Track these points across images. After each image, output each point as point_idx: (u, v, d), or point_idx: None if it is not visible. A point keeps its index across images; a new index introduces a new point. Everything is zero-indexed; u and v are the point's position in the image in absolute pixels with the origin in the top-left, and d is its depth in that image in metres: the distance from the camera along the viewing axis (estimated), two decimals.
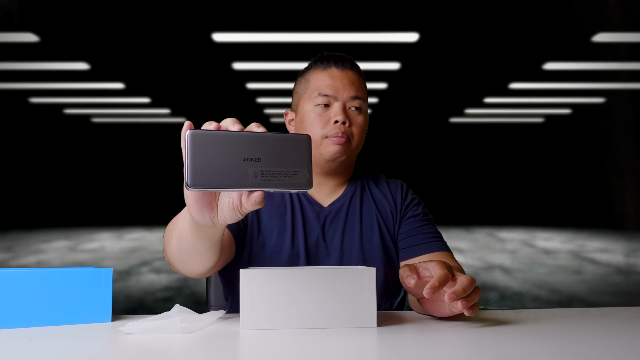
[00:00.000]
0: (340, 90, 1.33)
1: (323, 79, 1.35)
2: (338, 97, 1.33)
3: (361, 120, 1.35)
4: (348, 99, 1.33)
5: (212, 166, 0.75)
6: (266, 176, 0.77)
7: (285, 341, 0.87)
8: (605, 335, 0.95)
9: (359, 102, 1.34)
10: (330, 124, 1.32)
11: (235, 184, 0.75)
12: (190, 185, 0.74)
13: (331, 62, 1.36)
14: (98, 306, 1.08)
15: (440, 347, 0.88)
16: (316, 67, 1.37)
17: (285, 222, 1.35)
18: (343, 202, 1.39)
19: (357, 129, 1.34)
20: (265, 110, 9.29)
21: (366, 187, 1.42)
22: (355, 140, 1.34)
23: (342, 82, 1.34)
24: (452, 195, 9.33)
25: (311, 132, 1.33)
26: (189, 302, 4.80)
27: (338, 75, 1.35)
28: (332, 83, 1.34)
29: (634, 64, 7.35)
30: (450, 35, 6.76)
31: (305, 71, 1.40)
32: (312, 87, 1.35)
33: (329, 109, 1.33)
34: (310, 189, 0.78)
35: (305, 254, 1.33)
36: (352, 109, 1.34)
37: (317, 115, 1.33)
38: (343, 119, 1.31)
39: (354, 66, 1.38)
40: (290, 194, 1.39)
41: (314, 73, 1.37)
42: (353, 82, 1.35)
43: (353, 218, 1.37)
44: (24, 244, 8.78)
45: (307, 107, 1.35)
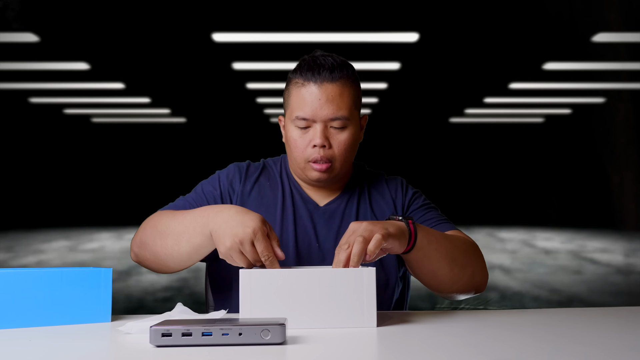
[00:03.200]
0: (318, 112, 1.26)
1: (300, 98, 1.27)
2: (316, 119, 1.26)
3: (344, 138, 1.28)
4: (327, 119, 1.26)
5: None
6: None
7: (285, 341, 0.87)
8: (605, 335, 0.95)
9: (339, 122, 1.27)
10: (310, 147, 1.27)
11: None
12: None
13: (309, 74, 1.27)
14: (98, 306, 1.08)
15: (440, 347, 0.88)
16: (297, 79, 1.30)
17: (274, 221, 1.33)
18: (340, 203, 1.37)
19: (339, 149, 1.28)
20: (265, 110, 9.29)
21: (365, 189, 1.40)
22: (339, 160, 1.29)
23: (320, 102, 1.26)
24: (452, 195, 9.33)
25: (294, 155, 1.30)
26: (189, 302, 4.79)
27: (315, 93, 1.26)
28: (309, 104, 1.26)
29: (634, 64, 7.35)
30: (450, 35, 6.76)
31: (289, 80, 1.33)
32: (292, 106, 1.29)
33: (308, 131, 1.28)
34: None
35: (295, 253, 1.31)
36: (333, 127, 1.28)
37: (297, 138, 1.29)
38: (322, 142, 1.26)
39: (338, 74, 1.28)
40: (284, 195, 1.36)
41: (294, 88, 1.30)
42: (333, 98, 1.26)
43: (348, 220, 1.35)
44: (24, 244, 8.78)
45: (289, 127, 1.31)
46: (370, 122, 1.44)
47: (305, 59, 1.32)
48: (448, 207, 1.45)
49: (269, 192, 1.37)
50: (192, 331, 0.83)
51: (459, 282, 1.22)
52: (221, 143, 9.00)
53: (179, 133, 9.78)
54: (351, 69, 1.31)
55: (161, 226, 1.23)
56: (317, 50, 1.35)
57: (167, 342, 0.83)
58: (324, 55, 1.31)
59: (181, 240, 1.17)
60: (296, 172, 1.36)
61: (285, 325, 0.85)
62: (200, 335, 0.84)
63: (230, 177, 1.37)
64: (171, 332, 0.83)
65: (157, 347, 0.84)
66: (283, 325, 0.85)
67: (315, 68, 1.27)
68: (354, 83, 1.31)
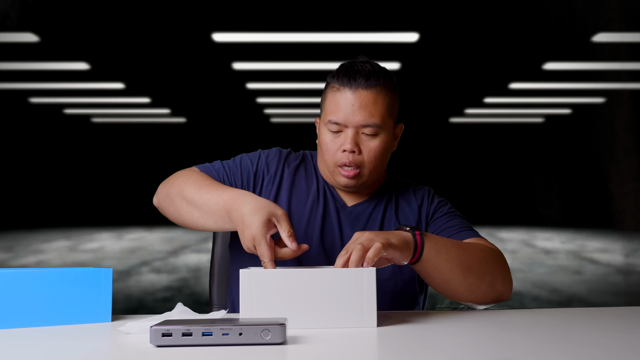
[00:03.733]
0: (350, 118, 1.27)
1: (334, 103, 1.29)
2: (348, 124, 1.28)
3: (375, 145, 1.29)
4: (359, 126, 1.28)
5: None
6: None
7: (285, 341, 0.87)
8: (605, 335, 0.95)
9: (370, 129, 1.28)
10: (340, 151, 1.29)
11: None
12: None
13: (345, 79, 1.28)
14: (98, 306, 1.08)
15: (440, 347, 0.88)
16: (333, 84, 1.31)
17: (303, 211, 1.36)
18: (367, 207, 1.38)
19: (369, 156, 1.29)
20: (265, 111, 9.29)
21: (393, 197, 1.41)
22: (367, 167, 1.30)
23: (354, 107, 1.27)
24: (452, 195, 9.32)
25: (325, 158, 1.33)
26: (189, 302, 4.79)
27: (350, 99, 1.28)
28: (342, 109, 1.28)
29: (634, 64, 7.34)
30: (450, 35, 6.75)
31: (327, 83, 1.35)
32: (326, 110, 1.32)
33: (340, 135, 1.30)
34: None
35: (319, 247, 1.33)
36: (364, 134, 1.29)
37: (329, 141, 1.31)
38: (351, 148, 1.27)
39: (374, 81, 1.29)
40: (318, 190, 1.38)
41: (330, 92, 1.32)
42: (366, 105, 1.27)
43: (373, 224, 1.37)
44: (24, 244, 8.77)
45: (322, 130, 1.33)
46: None
47: (345, 64, 1.33)
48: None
49: (304, 183, 1.39)
50: (193, 331, 0.84)
51: (476, 291, 1.21)
52: (221, 143, 8.99)
53: (179, 133, 9.77)
54: (388, 77, 1.32)
55: (189, 194, 1.25)
56: (360, 56, 1.36)
57: (167, 342, 0.83)
58: (363, 61, 1.32)
59: (208, 218, 1.22)
60: (325, 174, 1.38)
61: (285, 325, 0.85)
62: (201, 335, 0.84)
63: (270, 158, 1.40)
64: (171, 332, 0.83)
65: (157, 347, 0.84)
66: (283, 325, 0.85)
67: (351, 74, 1.29)
68: (390, 91, 1.32)
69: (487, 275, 1.21)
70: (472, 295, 1.22)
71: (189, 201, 1.24)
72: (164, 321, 0.88)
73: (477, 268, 1.20)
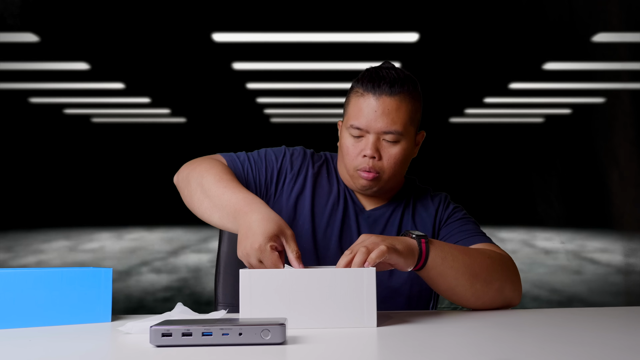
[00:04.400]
0: (372, 124, 1.29)
1: (357, 108, 1.30)
2: (370, 130, 1.29)
3: (395, 152, 1.30)
4: (380, 132, 1.29)
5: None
6: None
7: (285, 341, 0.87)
8: (605, 335, 0.95)
9: (391, 136, 1.29)
10: (360, 156, 1.31)
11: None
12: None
13: (369, 85, 1.29)
14: (98, 306, 1.08)
15: (440, 347, 0.88)
16: (357, 89, 1.32)
17: (323, 213, 1.37)
18: (385, 211, 1.40)
19: (388, 162, 1.30)
20: (265, 111, 9.29)
21: (411, 202, 1.42)
22: (387, 172, 1.31)
23: (376, 114, 1.28)
24: (452, 195, 9.32)
25: (345, 162, 1.34)
26: (189, 302, 4.78)
27: (373, 105, 1.28)
28: (364, 115, 1.29)
29: (634, 64, 7.34)
30: (450, 35, 6.75)
31: (351, 88, 1.35)
32: (349, 114, 1.33)
33: (361, 140, 1.31)
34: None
35: (337, 249, 1.35)
36: (385, 140, 1.30)
37: (350, 146, 1.32)
38: (372, 154, 1.29)
39: (398, 89, 1.29)
40: (339, 192, 1.40)
41: (354, 97, 1.32)
42: (389, 112, 1.28)
43: (391, 228, 1.38)
44: (24, 244, 8.77)
45: (344, 134, 1.34)
46: None
47: (370, 69, 1.34)
48: None
49: (325, 184, 1.40)
50: (192, 331, 0.84)
51: (483, 297, 1.21)
52: (221, 143, 8.98)
53: (179, 133, 9.76)
54: (413, 84, 1.33)
55: (207, 183, 1.25)
56: (386, 62, 1.37)
57: (167, 342, 0.83)
58: (388, 68, 1.33)
59: (215, 212, 1.21)
60: (345, 178, 1.39)
61: (285, 325, 0.85)
62: (201, 335, 0.84)
63: (295, 157, 1.41)
64: (171, 332, 0.83)
65: (157, 347, 0.84)
66: (283, 325, 0.85)
67: (375, 80, 1.29)
68: (413, 99, 1.32)
69: (494, 281, 1.22)
70: (480, 301, 1.22)
71: (204, 190, 1.24)
72: (163, 321, 0.88)
73: (484, 275, 1.20)
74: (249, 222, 1.10)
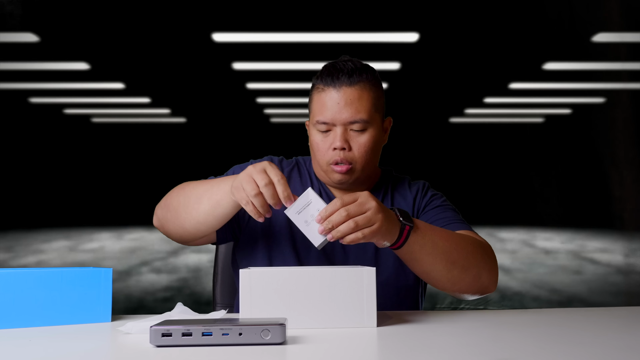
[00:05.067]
0: (337, 116, 1.30)
1: (320, 103, 1.31)
2: (336, 122, 1.30)
3: (364, 141, 1.31)
4: (346, 123, 1.30)
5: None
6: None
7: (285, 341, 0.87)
8: (605, 335, 0.95)
9: (358, 125, 1.30)
10: (330, 150, 1.31)
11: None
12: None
13: (328, 79, 1.31)
14: (98, 306, 1.08)
15: (440, 347, 0.88)
16: (317, 86, 1.34)
17: None
18: None
19: (359, 151, 1.31)
20: (265, 111, 9.29)
21: (389, 193, 1.42)
22: (359, 162, 1.32)
23: (339, 105, 1.29)
24: (452, 195, 9.32)
25: (317, 158, 1.34)
26: (189, 302, 4.78)
27: (335, 97, 1.30)
28: (328, 108, 1.30)
29: (634, 64, 7.34)
30: (450, 35, 6.75)
31: (312, 86, 1.37)
32: (314, 111, 1.34)
33: (329, 134, 1.32)
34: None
35: (320, 250, 1.33)
36: (353, 130, 1.31)
37: (319, 142, 1.33)
38: (341, 145, 1.29)
39: (357, 78, 1.31)
40: (313, 189, 1.40)
41: (315, 93, 1.34)
42: (352, 102, 1.29)
43: None
44: (24, 244, 8.77)
45: (312, 132, 1.35)
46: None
47: (327, 64, 1.36)
48: None
49: (299, 188, 1.40)
50: (192, 331, 0.84)
51: (460, 283, 1.22)
52: (221, 143, 8.99)
53: (179, 133, 9.76)
54: (371, 72, 1.34)
55: (188, 188, 1.28)
56: (343, 56, 1.39)
57: (167, 342, 0.83)
58: (345, 60, 1.34)
59: (203, 198, 1.23)
60: (320, 175, 1.40)
61: (285, 325, 0.85)
62: (200, 335, 0.84)
63: None
64: (171, 332, 0.83)
65: (157, 347, 0.84)
66: (283, 325, 0.85)
67: (334, 73, 1.31)
68: (374, 86, 1.33)
69: (472, 268, 1.22)
70: (456, 287, 1.22)
71: (187, 193, 1.27)
72: (163, 321, 0.88)
73: (462, 261, 1.20)
74: (246, 169, 1.14)
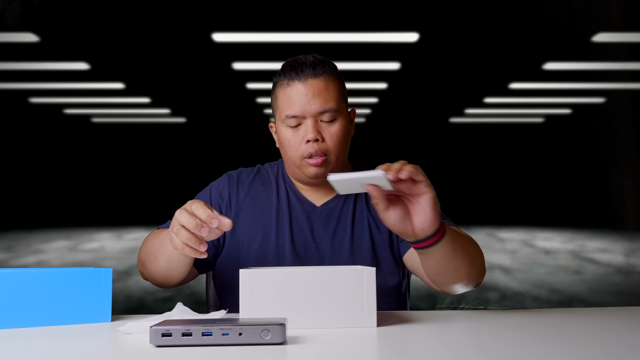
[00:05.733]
0: (306, 108, 1.28)
1: (287, 98, 1.30)
2: (306, 114, 1.29)
3: (336, 130, 1.30)
4: (316, 113, 1.29)
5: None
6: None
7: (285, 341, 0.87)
8: (605, 335, 0.95)
9: (328, 115, 1.29)
10: (303, 143, 1.30)
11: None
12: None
13: (292, 74, 1.30)
14: (98, 306, 1.08)
15: (440, 347, 0.88)
16: (281, 82, 1.32)
17: (269, 224, 1.35)
18: (337, 203, 1.38)
19: (332, 141, 1.30)
20: (265, 110, 9.29)
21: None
22: (333, 152, 1.31)
23: (307, 97, 1.28)
24: (452, 195, 9.34)
25: (289, 155, 1.32)
26: (189, 302, 4.78)
27: (301, 90, 1.29)
28: (297, 101, 1.29)
29: (634, 64, 7.35)
30: (450, 35, 6.76)
31: (274, 84, 1.36)
32: (281, 107, 1.32)
33: (300, 128, 1.30)
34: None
35: (292, 254, 1.33)
36: (323, 121, 1.30)
37: (290, 137, 1.31)
38: (314, 136, 1.28)
39: (320, 69, 1.31)
40: (279, 197, 1.38)
41: (280, 90, 1.32)
42: (319, 92, 1.29)
43: (345, 220, 1.36)
44: (24, 244, 8.77)
45: (281, 129, 1.33)
46: (370, 122, 1.44)
47: (287, 61, 1.35)
48: (448, 207, 1.44)
49: (264, 196, 1.38)
50: (192, 331, 0.84)
51: (470, 276, 1.18)
52: (221, 143, 8.99)
53: (179, 133, 9.77)
54: (332, 65, 1.35)
55: (149, 243, 1.31)
56: (299, 55, 1.38)
57: (167, 342, 0.83)
58: (304, 55, 1.35)
59: (157, 255, 1.25)
60: (293, 172, 1.37)
61: (285, 325, 0.85)
62: (200, 335, 0.84)
63: (220, 187, 1.41)
64: (171, 332, 0.83)
65: (157, 347, 0.84)
66: (283, 325, 0.85)
67: (297, 67, 1.31)
68: (337, 77, 1.34)
69: (478, 262, 1.20)
70: (464, 279, 1.17)
71: (149, 251, 1.30)
72: (163, 321, 0.88)
73: (474, 256, 1.18)
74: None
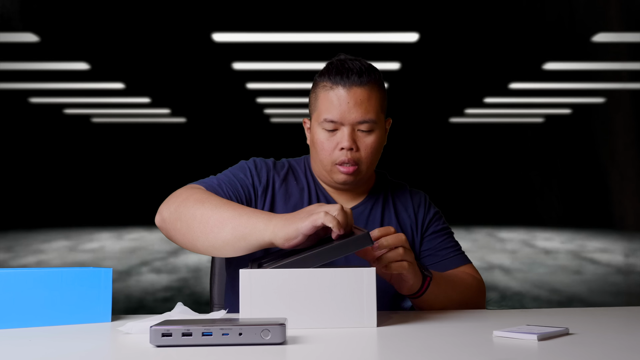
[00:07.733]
0: (346, 115, 1.27)
1: (328, 101, 1.29)
2: (344, 122, 1.28)
3: (371, 141, 1.30)
4: (355, 123, 1.28)
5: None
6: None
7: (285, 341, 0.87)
8: (605, 335, 0.95)
9: (366, 125, 1.28)
10: (337, 149, 1.29)
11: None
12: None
13: (337, 77, 1.28)
14: (98, 306, 1.08)
15: (440, 347, 0.88)
16: (325, 83, 1.30)
17: None
18: (364, 209, 1.38)
19: (366, 152, 1.30)
20: (265, 110, 9.29)
21: (389, 198, 1.41)
22: (365, 163, 1.31)
23: (349, 105, 1.27)
24: (452, 195, 9.33)
25: (321, 157, 1.31)
26: (189, 302, 4.77)
27: (344, 96, 1.27)
28: (337, 107, 1.27)
29: (634, 64, 7.34)
30: (450, 35, 6.75)
31: (316, 83, 1.34)
32: (320, 109, 1.30)
33: (336, 134, 1.29)
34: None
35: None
36: (360, 130, 1.29)
37: (324, 140, 1.30)
38: (349, 145, 1.27)
39: (366, 78, 1.29)
40: (310, 197, 1.37)
41: (322, 90, 1.30)
42: (361, 102, 1.27)
43: (372, 225, 1.36)
44: (24, 244, 8.77)
45: (316, 130, 1.32)
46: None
47: (333, 62, 1.33)
48: (448, 207, 1.45)
49: (296, 191, 1.37)
50: (192, 331, 0.84)
51: (461, 305, 1.31)
52: (221, 143, 8.99)
53: (179, 133, 9.76)
54: (378, 73, 1.33)
55: (208, 204, 1.17)
56: (340, 54, 1.36)
57: (167, 342, 0.83)
58: (351, 59, 1.32)
59: (226, 225, 1.13)
60: (321, 175, 1.36)
61: (285, 325, 0.85)
62: (200, 335, 0.84)
63: (259, 168, 1.36)
64: (171, 332, 0.83)
65: (157, 347, 0.84)
66: (283, 325, 0.85)
67: (343, 72, 1.28)
68: (380, 87, 1.32)
69: (464, 306, 1.30)
70: (456, 308, 1.30)
71: (210, 216, 1.15)
72: (163, 321, 0.88)
73: (462, 302, 1.29)
74: (309, 207, 1.10)
